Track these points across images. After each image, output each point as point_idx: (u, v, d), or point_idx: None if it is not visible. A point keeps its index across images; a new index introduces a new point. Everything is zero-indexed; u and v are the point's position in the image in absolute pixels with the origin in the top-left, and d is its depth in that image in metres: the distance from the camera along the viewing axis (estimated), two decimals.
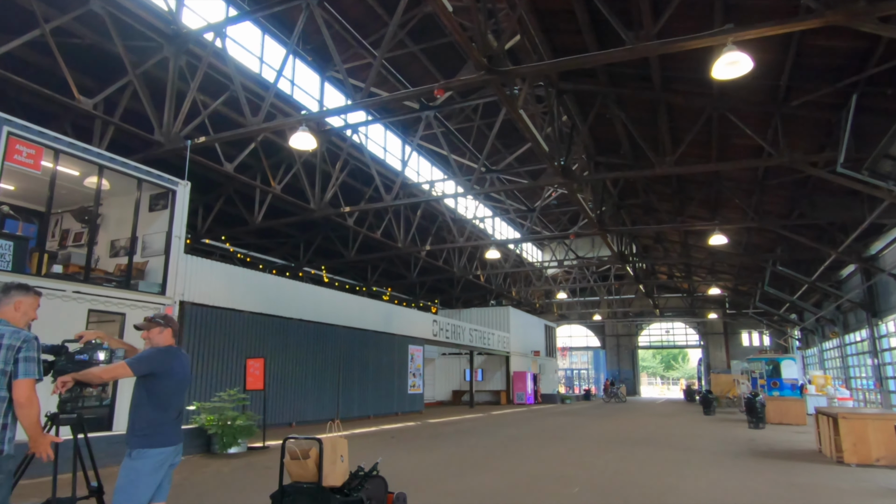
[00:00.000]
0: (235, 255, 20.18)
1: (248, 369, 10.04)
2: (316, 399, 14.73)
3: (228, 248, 19.66)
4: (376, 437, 11.57)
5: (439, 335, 21.66)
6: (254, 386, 9.80)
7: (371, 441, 10.75)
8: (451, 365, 29.65)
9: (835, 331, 23.60)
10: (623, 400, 32.87)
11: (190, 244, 17.55)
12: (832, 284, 22.92)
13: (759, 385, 25.87)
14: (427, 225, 22.42)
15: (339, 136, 15.24)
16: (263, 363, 9.95)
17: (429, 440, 10.86)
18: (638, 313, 44.64)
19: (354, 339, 16.66)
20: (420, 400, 19.92)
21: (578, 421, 17.46)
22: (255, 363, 10.02)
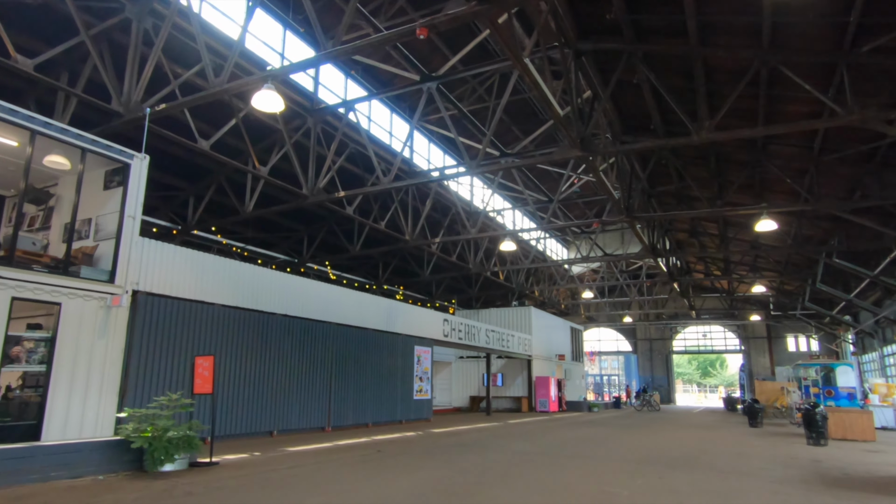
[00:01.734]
0: (230, 249, 18.87)
1: (197, 369, 8.52)
2: (303, 405, 13.21)
3: (221, 241, 18.35)
4: (359, 451, 9.90)
5: (451, 336, 19.91)
6: (202, 389, 8.26)
7: (349, 457, 9.09)
8: (469, 369, 27.84)
9: None
10: (657, 408, 30.41)
11: (177, 234, 16.35)
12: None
13: (811, 393, 23.30)
14: (438, 218, 20.79)
15: (334, 115, 13.77)
16: (213, 361, 8.38)
17: (418, 457, 9.11)
18: (672, 315, 41.91)
19: (350, 338, 15.07)
20: (428, 406, 18.18)
21: (604, 433, 15.43)
22: (204, 362, 8.49)
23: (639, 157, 17.27)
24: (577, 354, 34.42)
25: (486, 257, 25.29)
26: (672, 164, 17.18)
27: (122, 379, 9.29)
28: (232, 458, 8.82)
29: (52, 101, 11.07)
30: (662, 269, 23.78)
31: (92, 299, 9.00)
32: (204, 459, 7.93)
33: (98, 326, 9.06)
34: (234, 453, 9.30)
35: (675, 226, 25.69)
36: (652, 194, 20.14)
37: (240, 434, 11.50)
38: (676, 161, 15.68)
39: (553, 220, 25.07)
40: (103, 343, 9.04)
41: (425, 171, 17.98)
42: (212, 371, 8.24)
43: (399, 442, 11.74)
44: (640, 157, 17.35)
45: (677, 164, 15.75)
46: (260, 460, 8.64)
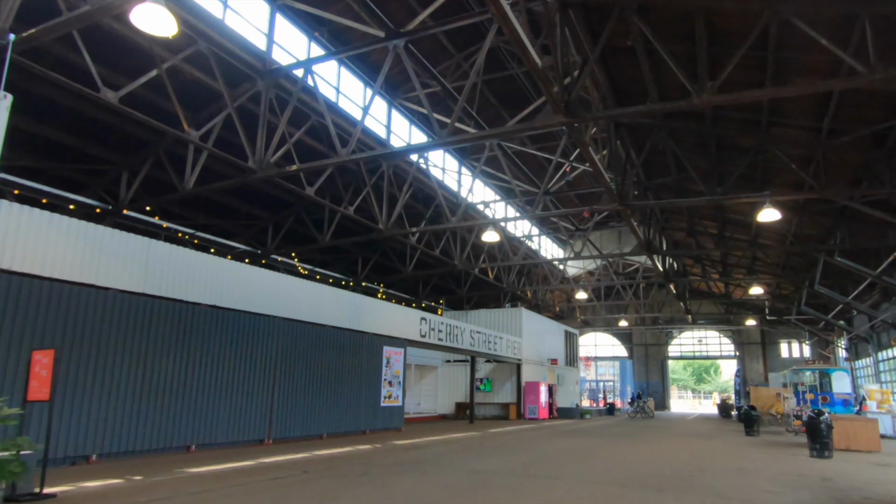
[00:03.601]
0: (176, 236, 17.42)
1: (32, 368, 6.59)
2: (234, 414, 11.59)
3: (162, 225, 16.83)
4: (279, 473, 8.48)
5: (429, 336, 18.62)
6: (37, 395, 6.39)
7: (259, 481, 7.62)
8: (455, 374, 26.53)
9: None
10: (650, 415, 29.14)
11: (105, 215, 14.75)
12: None
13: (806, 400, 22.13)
14: (420, 209, 19.54)
15: (289, 79, 12.41)
16: (53, 357, 6.42)
17: (346, 481, 7.74)
18: (668, 320, 40.71)
19: (302, 335, 13.56)
20: (398, 415, 16.81)
21: (591, 444, 14.14)
22: (42, 358, 6.51)
23: (633, 142, 16.13)
24: (571, 359, 33.17)
25: (474, 255, 24.09)
26: (670, 150, 16.01)
27: None
28: (93, 485, 7.07)
29: None
30: (658, 269, 22.59)
31: None
32: (35, 490, 6.16)
33: None
34: (103, 478, 7.53)
35: (671, 224, 24.54)
36: (648, 186, 18.99)
37: (142, 451, 9.81)
38: (675, 146, 14.49)
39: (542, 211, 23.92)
40: None
41: (390, 145, 16.70)
42: (51, 370, 6.41)
43: (342, 459, 10.38)
44: (635, 143, 16.21)
45: (675, 149, 14.55)
46: (128, 489, 6.95)
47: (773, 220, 13.99)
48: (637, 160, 16.09)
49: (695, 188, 17.80)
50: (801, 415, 17.68)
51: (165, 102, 10.91)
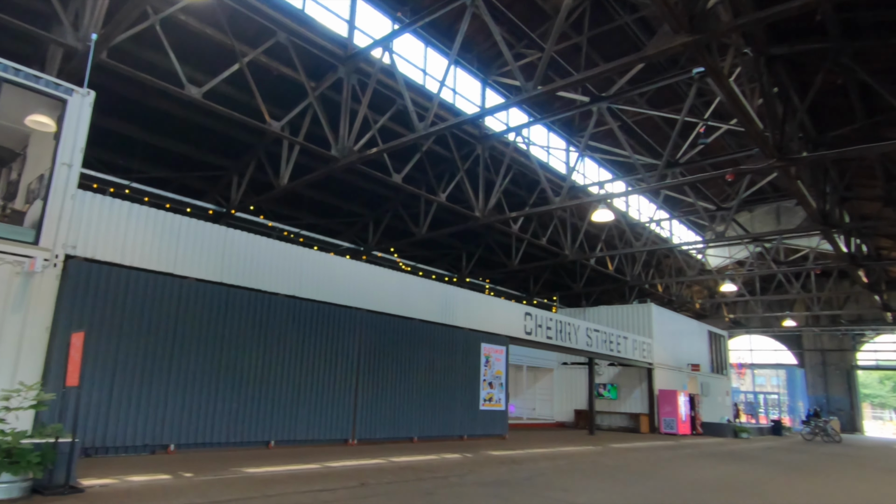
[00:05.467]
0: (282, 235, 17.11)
1: (70, 352, 6.03)
2: (315, 412, 10.46)
3: (267, 224, 16.69)
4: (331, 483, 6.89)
5: (535, 333, 16.06)
6: (71, 381, 5.74)
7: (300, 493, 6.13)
8: (574, 377, 23.45)
9: None
10: (836, 439, 23.09)
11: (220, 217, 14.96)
12: None
13: None
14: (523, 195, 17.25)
15: (368, 61, 11.09)
16: (83, 340, 5.73)
17: (406, 502, 5.81)
18: (854, 320, 32.87)
19: (387, 329, 12.08)
20: (501, 419, 14.46)
21: (751, 477, 10.60)
22: (76, 341, 5.85)
23: (795, 81, 12.05)
24: (718, 365, 28.00)
25: (588, 244, 20.94)
26: (855, 84, 11.71)
27: (45, 365, 7.31)
28: (137, 479, 6.28)
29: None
30: (839, 251, 17.47)
31: (5, 263, 7.12)
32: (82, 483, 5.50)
33: (12, 297, 7.15)
34: (153, 472, 6.80)
35: (856, 190, 18.91)
36: (820, 143, 14.45)
37: (219, 444, 9.11)
38: (865, 75, 10.37)
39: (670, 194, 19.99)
40: (18, 318, 7.12)
41: (483, 125, 14.64)
42: (80, 353, 5.67)
43: (419, 470, 8.46)
44: (797, 83, 12.12)
45: (866, 78, 10.43)
46: (170, 487, 6.01)
47: None
48: (801, 104, 12.02)
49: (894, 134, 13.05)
50: None
51: (251, 99, 10.24)
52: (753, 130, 9.88)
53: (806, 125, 13.91)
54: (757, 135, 10.25)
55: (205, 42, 10.19)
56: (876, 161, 15.61)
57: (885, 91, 10.18)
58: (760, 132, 10.25)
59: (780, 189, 22.85)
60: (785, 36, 10.90)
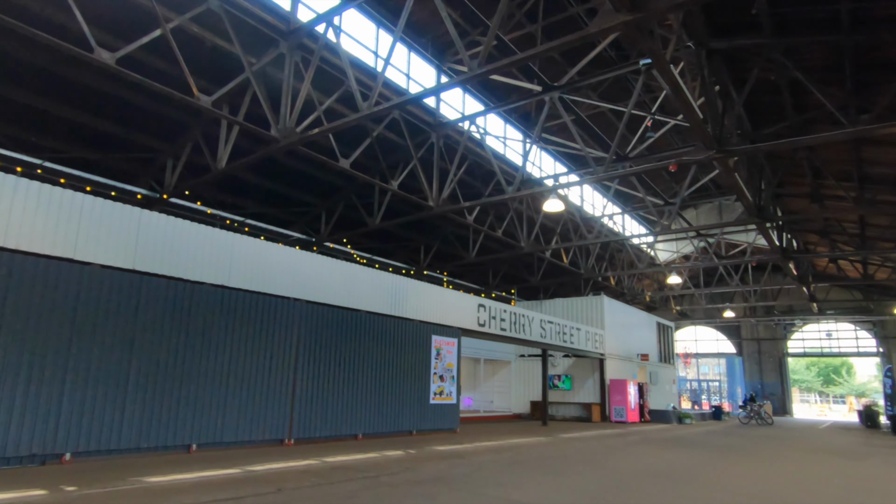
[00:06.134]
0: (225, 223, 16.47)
1: None
2: (246, 410, 9.96)
3: (206, 212, 15.96)
4: (242, 490, 6.54)
5: (489, 325, 16.13)
6: None
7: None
8: (530, 369, 23.79)
9: None
10: (769, 422, 24.47)
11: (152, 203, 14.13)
12: None
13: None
14: (479, 186, 17.26)
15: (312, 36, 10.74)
16: None
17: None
18: (786, 310, 34.92)
19: (329, 321, 11.75)
20: (452, 413, 14.45)
21: (692, 462, 11.01)
22: None
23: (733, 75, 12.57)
24: (666, 355, 29.09)
25: (544, 237, 21.24)
26: (785, 81, 12.32)
27: None
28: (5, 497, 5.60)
29: None
30: (773, 243, 18.43)
31: None
32: None
33: None
34: (27, 488, 6.06)
35: (787, 188, 20.06)
36: (756, 139, 15.14)
37: (129, 450, 8.38)
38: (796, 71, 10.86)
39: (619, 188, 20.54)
40: None
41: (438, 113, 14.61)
42: None
43: (350, 469, 8.31)
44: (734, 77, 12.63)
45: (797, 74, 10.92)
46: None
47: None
48: (738, 98, 12.52)
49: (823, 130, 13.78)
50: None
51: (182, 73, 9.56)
52: (694, 120, 10.18)
53: (743, 121, 14.53)
54: (697, 125, 10.58)
55: (123, 4, 9.42)
56: (804, 159, 16.53)
57: (814, 88, 10.68)
58: (700, 123, 10.59)
59: (721, 186, 23.94)
60: (725, 30, 11.32)
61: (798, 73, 10.93)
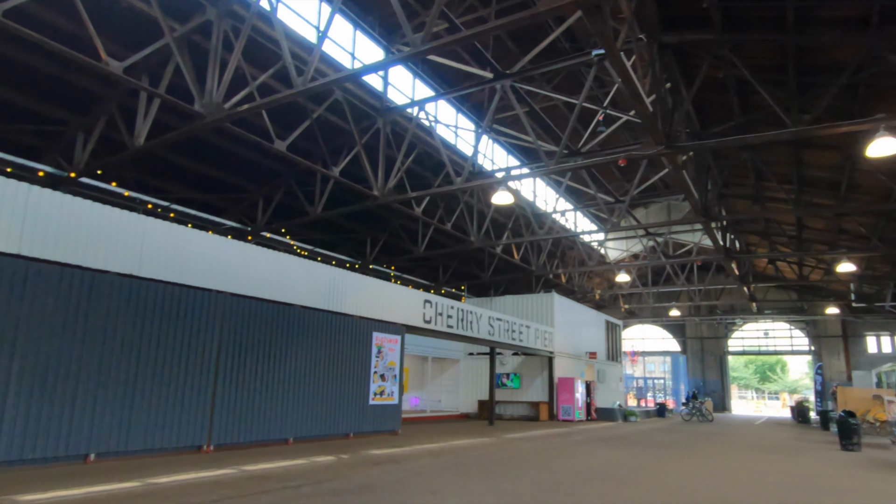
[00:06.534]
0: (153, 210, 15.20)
1: None
2: (157, 414, 8.99)
3: (123, 194, 14.63)
4: None
5: (435, 322, 15.57)
6: None
7: None
8: (480, 368, 23.36)
9: None
10: (709, 418, 25.03)
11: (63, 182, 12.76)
12: None
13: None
14: (429, 177, 16.68)
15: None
16: None
17: None
18: (727, 310, 36.03)
19: (260, 316, 10.88)
20: (393, 414, 13.80)
21: (632, 461, 10.77)
22: None
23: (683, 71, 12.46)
24: (614, 353, 29.37)
25: (495, 233, 20.86)
26: (732, 79, 12.30)
27: None
28: None
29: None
30: (717, 243, 18.67)
31: None
32: None
33: None
34: None
35: (732, 189, 20.45)
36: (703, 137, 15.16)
37: (8, 462, 7.30)
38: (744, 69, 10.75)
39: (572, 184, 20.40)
40: None
41: (386, 98, 13.95)
42: None
43: (267, 479, 7.60)
44: (684, 74, 12.53)
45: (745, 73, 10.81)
46: None
47: (891, 155, 10.08)
48: (687, 94, 12.42)
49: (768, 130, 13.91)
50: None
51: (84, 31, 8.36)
52: (644, 114, 9.92)
53: (692, 119, 14.54)
54: (647, 120, 10.35)
55: None
56: (748, 160, 16.78)
57: (759, 87, 10.61)
58: (650, 117, 10.36)
59: (670, 186, 24.22)
60: (676, 24, 11.14)
61: (745, 70, 10.85)
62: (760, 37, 10.78)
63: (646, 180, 19.90)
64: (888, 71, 10.29)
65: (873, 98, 11.40)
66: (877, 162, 13.73)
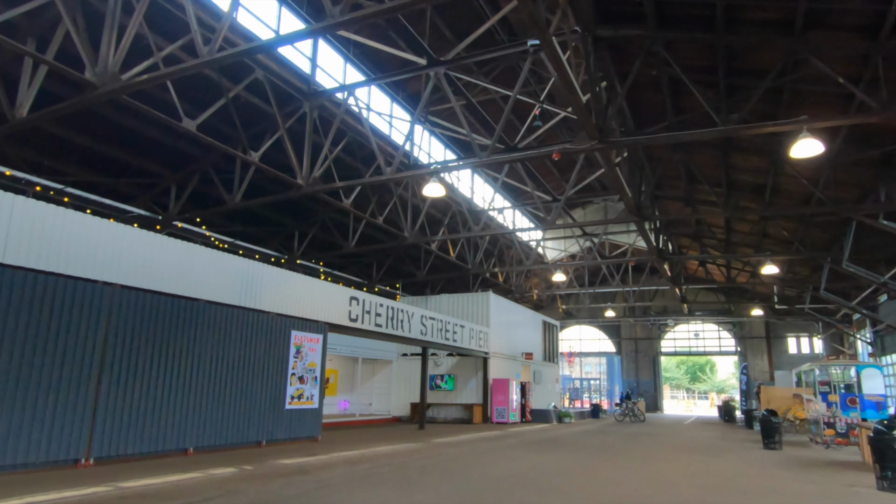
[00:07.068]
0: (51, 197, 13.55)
1: None
2: (20, 425, 7.70)
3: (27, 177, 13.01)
4: None
5: (362, 320, 14.68)
6: None
7: None
8: (414, 369, 22.55)
9: None
10: (641, 419, 25.38)
11: None
12: None
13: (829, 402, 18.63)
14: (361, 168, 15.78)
15: None
16: None
17: None
18: (660, 311, 37.03)
19: (156, 311, 9.69)
20: (313, 419, 12.78)
21: (559, 465, 10.33)
22: None
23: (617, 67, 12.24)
24: (550, 354, 29.36)
25: (431, 230, 20.21)
26: (665, 78, 12.19)
27: None
28: None
29: None
30: (651, 243, 18.80)
31: None
32: None
33: None
34: None
35: (665, 190, 20.77)
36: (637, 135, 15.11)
37: None
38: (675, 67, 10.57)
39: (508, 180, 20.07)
40: None
41: (307, 77, 13.01)
42: None
43: (144, 498, 6.57)
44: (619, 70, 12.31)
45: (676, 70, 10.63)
46: None
47: (811, 156, 10.14)
48: (621, 89, 12.19)
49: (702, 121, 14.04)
50: (833, 422, 13.96)
51: None
52: (578, 106, 9.52)
53: (627, 117, 14.43)
54: (582, 113, 9.97)
55: None
56: (680, 163, 16.97)
57: (692, 86, 10.47)
58: (585, 111, 10.00)
59: (607, 188, 24.43)
60: (611, 18, 10.88)
61: (678, 69, 10.70)
62: (692, 34, 10.67)
63: (583, 180, 19.87)
64: (811, 76, 10.44)
65: (797, 103, 11.57)
66: (799, 166, 14.11)
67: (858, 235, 16.11)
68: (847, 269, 17.66)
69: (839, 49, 9.43)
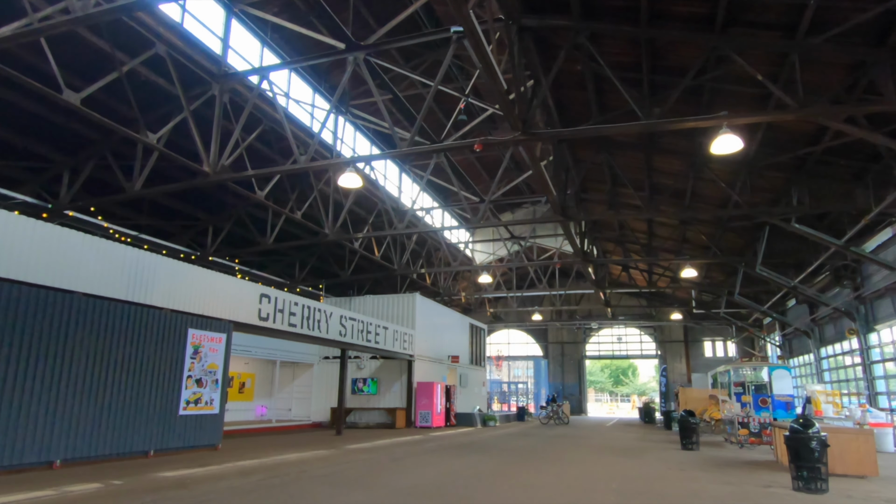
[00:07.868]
0: None
1: None
2: None
3: None
4: None
5: (274, 319, 13.57)
6: None
7: None
8: (335, 373, 21.41)
9: (852, 328, 16.99)
10: (565, 421, 25.56)
11: None
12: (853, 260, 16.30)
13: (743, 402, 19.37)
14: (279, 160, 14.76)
15: None
16: None
17: None
18: (586, 315, 37.85)
19: (21, 306, 8.39)
20: (212, 426, 11.52)
21: (477, 471, 9.81)
22: None
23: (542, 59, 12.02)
24: (477, 357, 29.08)
25: (354, 228, 19.28)
26: (590, 73, 12.11)
27: None
28: None
29: None
30: (576, 245, 18.88)
31: None
32: None
33: None
34: None
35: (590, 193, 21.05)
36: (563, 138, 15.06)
37: None
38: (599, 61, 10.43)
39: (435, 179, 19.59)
40: None
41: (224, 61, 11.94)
42: None
43: None
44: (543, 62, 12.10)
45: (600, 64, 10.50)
46: None
47: (731, 152, 10.26)
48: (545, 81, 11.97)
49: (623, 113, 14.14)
50: (747, 422, 14.37)
51: None
52: (499, 92, 9.12)
53: (552, 113, 14.32)
54: (504, 103, 9.60)
55: None
56: (605, 165, 17.14)
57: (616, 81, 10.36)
58: (507, 101, 9.63)
59: (535, 191, 24.54)
60: (537, 8, 10.61)
61: (602, 63, 10.57)
62: (617, 27, 10.58)
63: (511, 180, 19.75)
64: (731, 74, 10.63)
65: (717, 102, 11.77)
66: (718, 170, 14.55)
67: (771, 240, 16.86)
68: (760, 274, 18.49)
69: (759, 47, 9.58)
